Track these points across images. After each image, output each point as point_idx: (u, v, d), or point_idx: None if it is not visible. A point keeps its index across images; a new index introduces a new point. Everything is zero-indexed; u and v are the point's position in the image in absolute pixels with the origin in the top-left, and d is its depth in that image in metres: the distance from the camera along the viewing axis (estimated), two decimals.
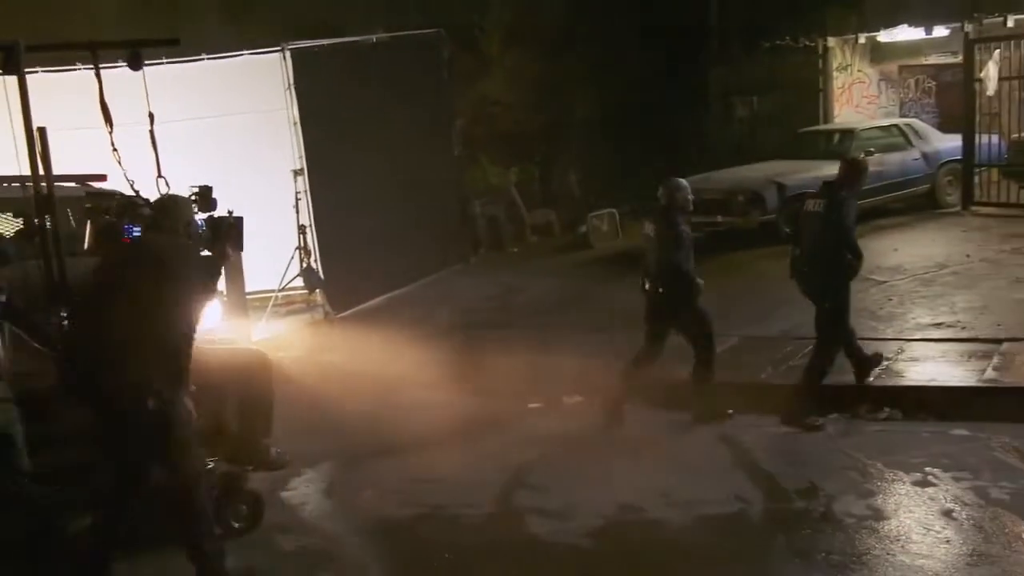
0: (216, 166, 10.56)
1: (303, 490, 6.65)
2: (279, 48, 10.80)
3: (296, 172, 10.93)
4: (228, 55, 11.20)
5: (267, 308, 11.03)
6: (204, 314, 5.04)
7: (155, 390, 4.53)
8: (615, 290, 12.15)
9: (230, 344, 5.76)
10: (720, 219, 13.67)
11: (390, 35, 12.24)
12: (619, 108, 17.45)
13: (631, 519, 5.80)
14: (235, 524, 5.65)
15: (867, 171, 7.80)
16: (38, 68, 9.31)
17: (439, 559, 5.53)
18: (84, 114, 6.08)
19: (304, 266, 11.10)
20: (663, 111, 18.00)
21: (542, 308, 11.57)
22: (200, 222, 5.29)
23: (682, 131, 18.52)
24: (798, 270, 7.56)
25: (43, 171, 5.46)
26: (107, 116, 5.69)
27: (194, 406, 4.77)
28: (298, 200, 10.98)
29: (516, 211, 16.73)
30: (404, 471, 6.82)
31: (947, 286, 10.09)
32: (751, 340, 9.07)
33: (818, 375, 7.35)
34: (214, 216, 5.39)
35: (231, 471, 5.69)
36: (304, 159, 10.94)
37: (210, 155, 10.21)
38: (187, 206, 5.17)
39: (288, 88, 10.79)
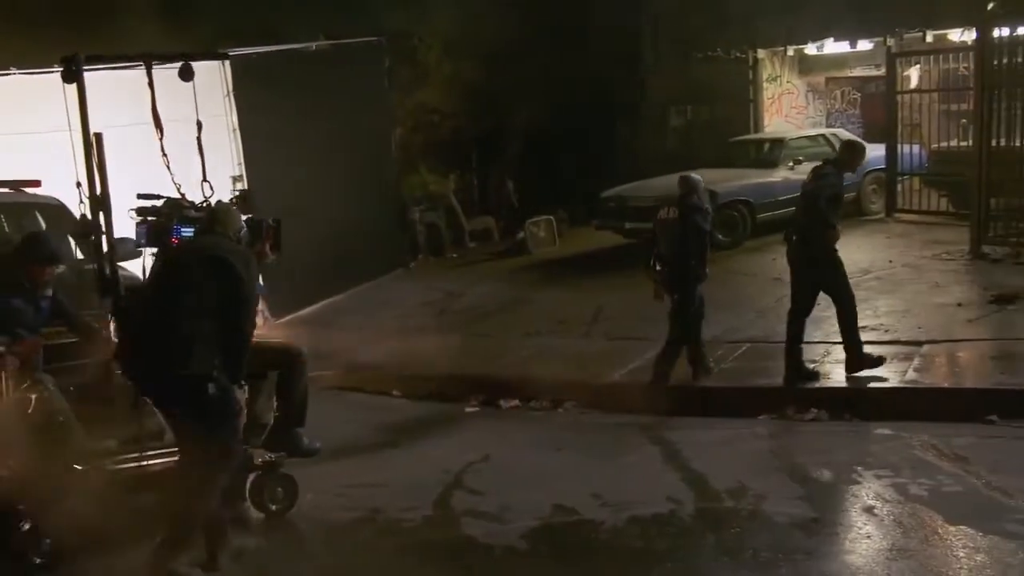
0: (154, 171, 10.52)
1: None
2: (219, 54, 10.75)
3: (235, 178, 10.90)
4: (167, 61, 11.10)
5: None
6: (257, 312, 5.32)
7: (216, 380, 4.82)
8: (552, 295, 12.36)
9: (266, 339, 5.99)
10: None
11: (331, 43, 12.26)
12: (556, 117, 17.62)
13: (565, 520, 5.84)
14: (272, 506, 5.98)
15: (864, 150, 8.48)
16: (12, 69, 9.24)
17: (378, 562, 5.55)
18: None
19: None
20: (599, 120, 18.23)
21: (480, 313, 11.68)
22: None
23: (618, 139, 18.76)
24: (788, 240, 7.98)
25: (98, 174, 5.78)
26: (158, 124, 6.02)
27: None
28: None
29: (455, 218, 16.84)
30: (344, 475, 6.82)
31: (871, 291, 10.35)
32: None
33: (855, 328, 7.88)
34: (253, 218, 5.60)
35: (269, 457, 5.99)
36: (243, 165, 10.91)
37: (149, 160, 10.14)
38: (239, 215, 5.42)
39: (227, 95, 10.77)
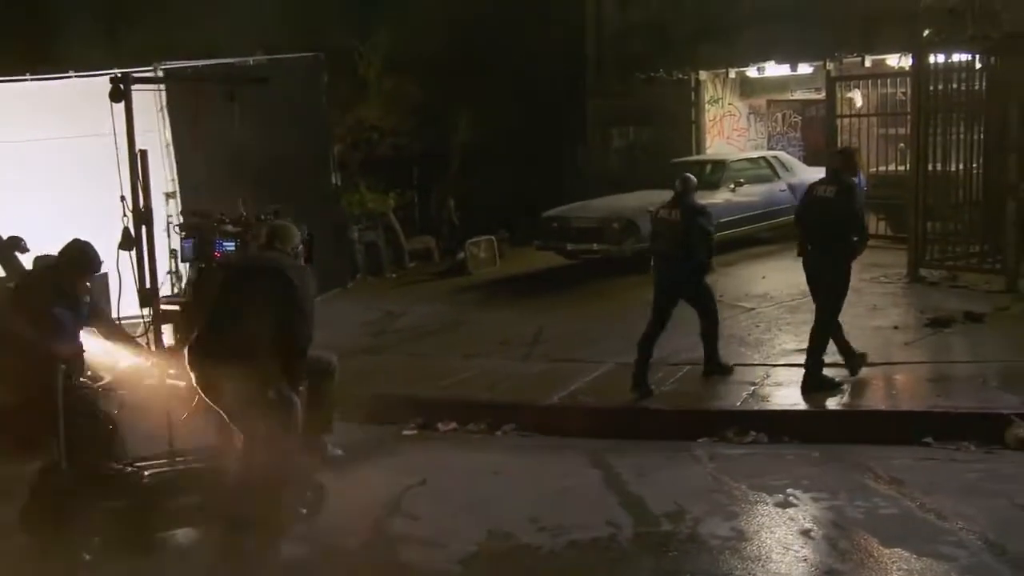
0: (81, 186, 10.27)
1: (177, 519, 6.42)
2: (151, 68, 10.56)
3: (168, 195, 10.67)
4: (97, 73, 10.85)
5: (136, 335, 10.67)
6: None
7: (277, 383, 5.24)
8: (493, 316, 12.27)
9: None
10: (596, 247, 13.90)
11: (267, 58, 12.09)
12: (498, 136, 17.61)
13: (503, 545, 5.79)
14: (302, 510, 6.07)
15: (858, 154, 9.04)
16: None
17: None
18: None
19: (176, 292, 10.81)
20: (542, 140, 18.24)
21: (419, 333, 11.55)
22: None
23: (560, 160, 18.79)
24: (808, 254, 8.24)
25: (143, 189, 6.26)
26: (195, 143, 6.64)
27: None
28: (169, 224, 10.67)
29: (394, 237, 16.68)
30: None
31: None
32: (624, 366, 9.16)
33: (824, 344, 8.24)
34: None
35: (301, 462, 6.09)
36: (176, 181, 10.68)
37: (74, 175, 9.91)
38: (297, 232, 5.92)
39: (160, 109, 10.55)
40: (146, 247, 6.31)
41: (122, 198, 6.30)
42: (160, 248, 10.99)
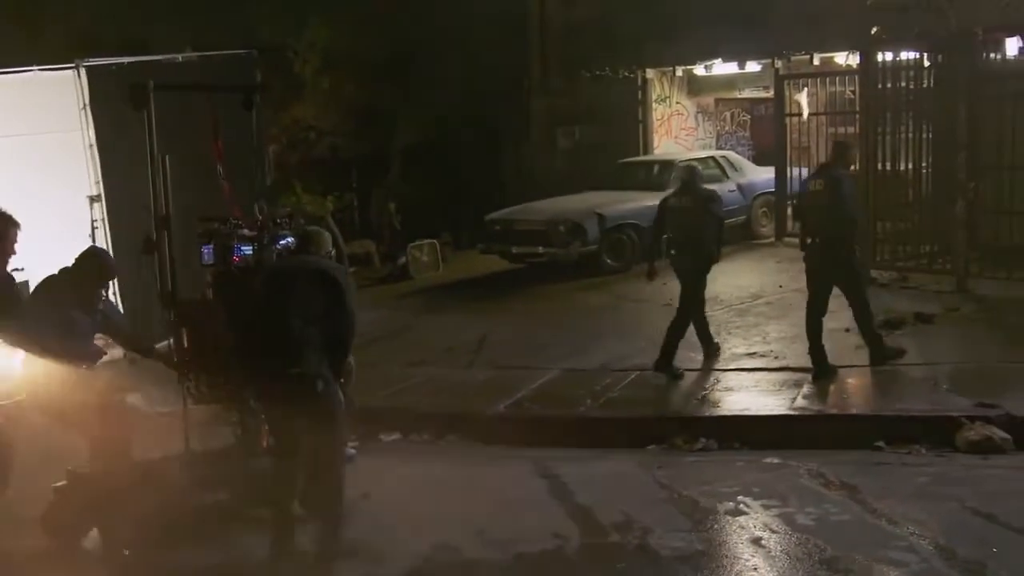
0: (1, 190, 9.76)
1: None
2: (73, 64, 10.09)
3: (92, 199, 10.21)
4: (15, 70, 10.34)
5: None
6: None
7: (323, 377, 5.54)
8: (436, 322, 12.00)
9: None
10: (541, 250, 13.68)
11: (198, 54, 11.65)
12: (440, 137, 17.33)
13: (447, 559, 5.69)
14: None
15: (854, 147, 9.21)
16: None
17: None
18: None
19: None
20: (485, 140, 17.99)
21: (361, 341, 11.08)
22: (289, 240, 6.49)
23: (504, 161, 18.55)
24: (808, 248, 8.29)
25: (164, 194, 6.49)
26: (219, 152, 6.94)
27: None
28: (95, 229, 10.24)
29: (333, 241, 16.28)
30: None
31: (761, 316, 10.34)
32: (571, 373, 9.03)
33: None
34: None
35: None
36: (101, 185, 10.23)
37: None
38: (328, 238, 6.19)
39: (83, 108, 10.10)
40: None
41: (144, 206, 6.65)
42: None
